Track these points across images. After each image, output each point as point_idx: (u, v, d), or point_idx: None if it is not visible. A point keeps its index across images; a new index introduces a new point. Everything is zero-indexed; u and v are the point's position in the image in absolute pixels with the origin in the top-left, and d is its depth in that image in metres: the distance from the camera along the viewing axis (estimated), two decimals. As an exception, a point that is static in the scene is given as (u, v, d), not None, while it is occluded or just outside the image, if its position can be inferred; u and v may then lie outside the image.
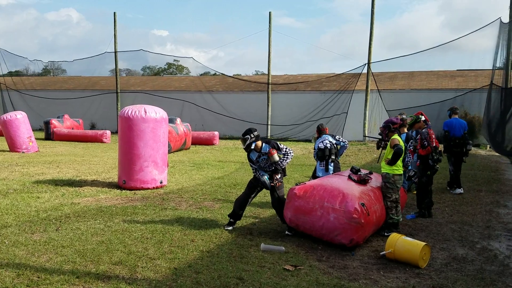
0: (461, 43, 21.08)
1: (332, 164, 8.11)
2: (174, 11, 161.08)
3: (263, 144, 6.39)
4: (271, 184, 6.36)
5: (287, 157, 6.38)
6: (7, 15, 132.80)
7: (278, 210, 6.50)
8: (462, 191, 9.52)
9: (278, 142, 6.47)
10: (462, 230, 6.73)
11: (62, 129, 21.78)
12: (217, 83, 28.46)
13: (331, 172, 7.97)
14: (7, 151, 15.96)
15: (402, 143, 6.42)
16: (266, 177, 6.33)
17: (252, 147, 6.35)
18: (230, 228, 6.42)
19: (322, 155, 8.10)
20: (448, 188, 9.85)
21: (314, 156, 8.49)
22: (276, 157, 6.25)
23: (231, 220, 6.52)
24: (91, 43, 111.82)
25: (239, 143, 20.99)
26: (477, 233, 6.57)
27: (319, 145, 8.20)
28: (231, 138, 23.59)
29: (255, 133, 6.36)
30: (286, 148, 6.41)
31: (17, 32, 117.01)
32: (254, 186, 6.51)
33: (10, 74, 32.38)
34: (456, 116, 9.93)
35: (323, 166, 8.12)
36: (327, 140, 8.21)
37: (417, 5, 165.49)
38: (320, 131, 8.44)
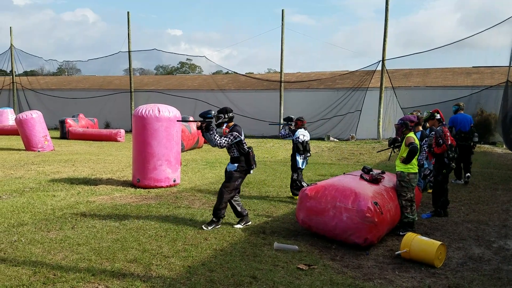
0: (477, 40, 20.67)
1: (308, 156, 8.61)
2: (187, 10, 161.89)
3: (233, 126, 6.37)
4: (203, 124, 6.22)
5: (215, 139, 6.15)
6: (24, 16, 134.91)
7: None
8: (462, 182, 10.28)
9: (235, 135, 6.25)
10: (478, 229, 6.64)
11: (77, 128, 22.01)
12: (230, 81, 28.50)
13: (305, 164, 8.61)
14: (23, 150, 16.20)
15: (417, 141, 6.35)
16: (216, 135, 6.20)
17: (221, 126, 6.41)
18: (210, 226, 6.33)
19: (304, 149, 8.45)
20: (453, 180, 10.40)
21: (281, 134, 8.80)
22: (219, 132, 6.28)
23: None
24: (106, 43, 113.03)
25: (251, 142, 20.97)
26: (494, 232, 6.47)
27: (302, 138, 8.45)
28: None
29: (230, 114, 6.43)
30: (227, 139, 6.22)
31: (34, 33, 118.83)
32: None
33: (26, 73, 32.85)
34: (462, 112, 10.51)
35: (303, 158, 8.50)
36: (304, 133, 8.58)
37: (432, 1, 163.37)
38: (302, 124, 8.69)
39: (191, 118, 17.75)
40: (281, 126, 8.73)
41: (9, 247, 5.35)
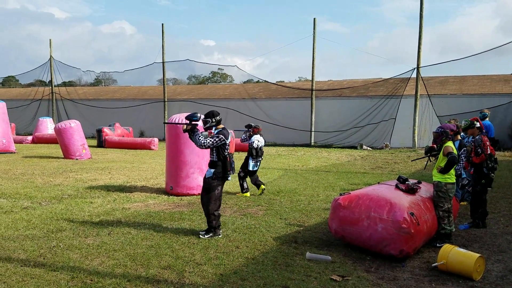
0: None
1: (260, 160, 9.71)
2: (219, 20, 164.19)
3: (221, 129, 6.32)
4: (188, 127, 6.20)
5: (199, 139, 6.08)
6: (65, 28, 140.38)
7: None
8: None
9: (220, 137, 6.17)
10: (520, 242, 6.37)
11: (113, 137, 22.61)
12: (260, 90, 28.60)
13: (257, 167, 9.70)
14: (62, 158, 16.75)
15: (455, 151, 6.17)
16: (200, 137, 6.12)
17: (211, 129, 6.40)
18: (207, 235, 6.29)
19: (257, 154, 9.52)
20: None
21: (243, 139, 9.77)
22: (203, 135, 6.19)
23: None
24: (141, 54, 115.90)
25: (282, 150, 20.94)
26: (537, 246, 6.19)
27: (257, 143, 9.52)
28: (274, 145, 23.59)
29: (218, 117, 6.41)
30: (212, 140, 6.12)
31: (73, 44, 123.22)
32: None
33: (64, 84, 34.07)
34: (487, 119, 10.73)
35: (255, 161, 9.58)
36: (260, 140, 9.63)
37: (469, 8, 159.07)
38: (258, 131, 9.74)
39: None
40: (243, 132, 9.87)
41: (48, 252, 5.53)
